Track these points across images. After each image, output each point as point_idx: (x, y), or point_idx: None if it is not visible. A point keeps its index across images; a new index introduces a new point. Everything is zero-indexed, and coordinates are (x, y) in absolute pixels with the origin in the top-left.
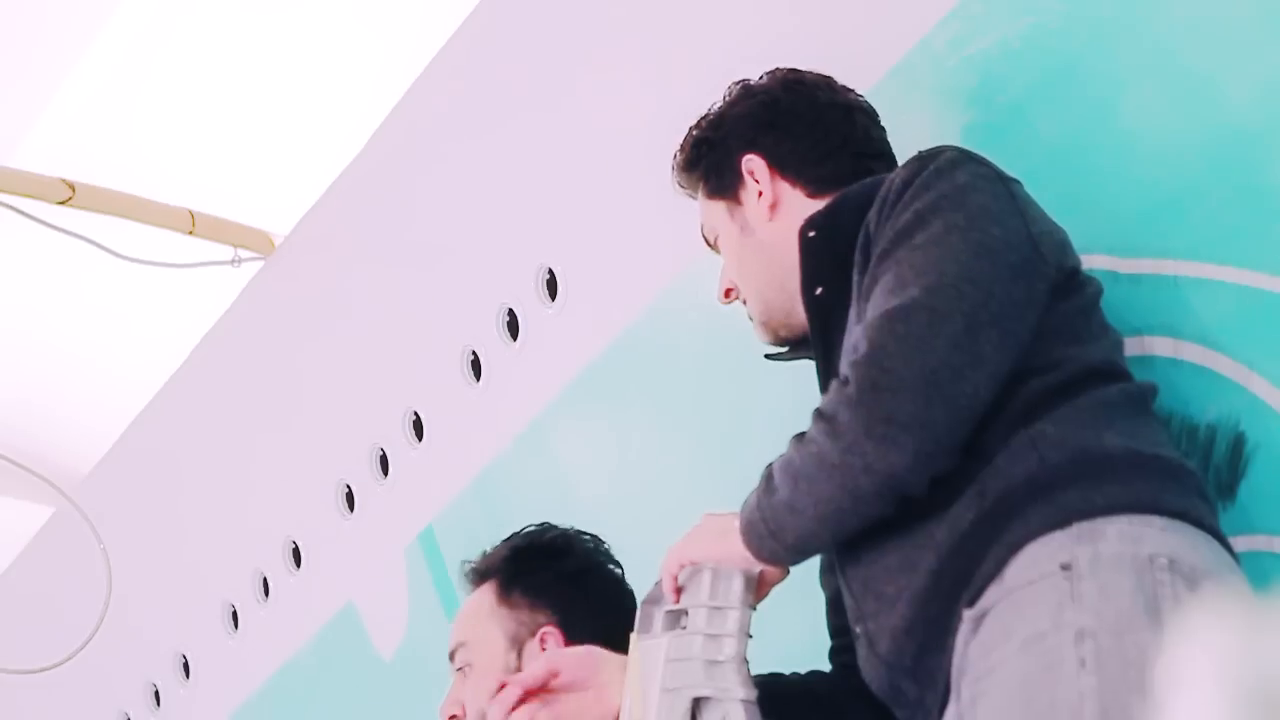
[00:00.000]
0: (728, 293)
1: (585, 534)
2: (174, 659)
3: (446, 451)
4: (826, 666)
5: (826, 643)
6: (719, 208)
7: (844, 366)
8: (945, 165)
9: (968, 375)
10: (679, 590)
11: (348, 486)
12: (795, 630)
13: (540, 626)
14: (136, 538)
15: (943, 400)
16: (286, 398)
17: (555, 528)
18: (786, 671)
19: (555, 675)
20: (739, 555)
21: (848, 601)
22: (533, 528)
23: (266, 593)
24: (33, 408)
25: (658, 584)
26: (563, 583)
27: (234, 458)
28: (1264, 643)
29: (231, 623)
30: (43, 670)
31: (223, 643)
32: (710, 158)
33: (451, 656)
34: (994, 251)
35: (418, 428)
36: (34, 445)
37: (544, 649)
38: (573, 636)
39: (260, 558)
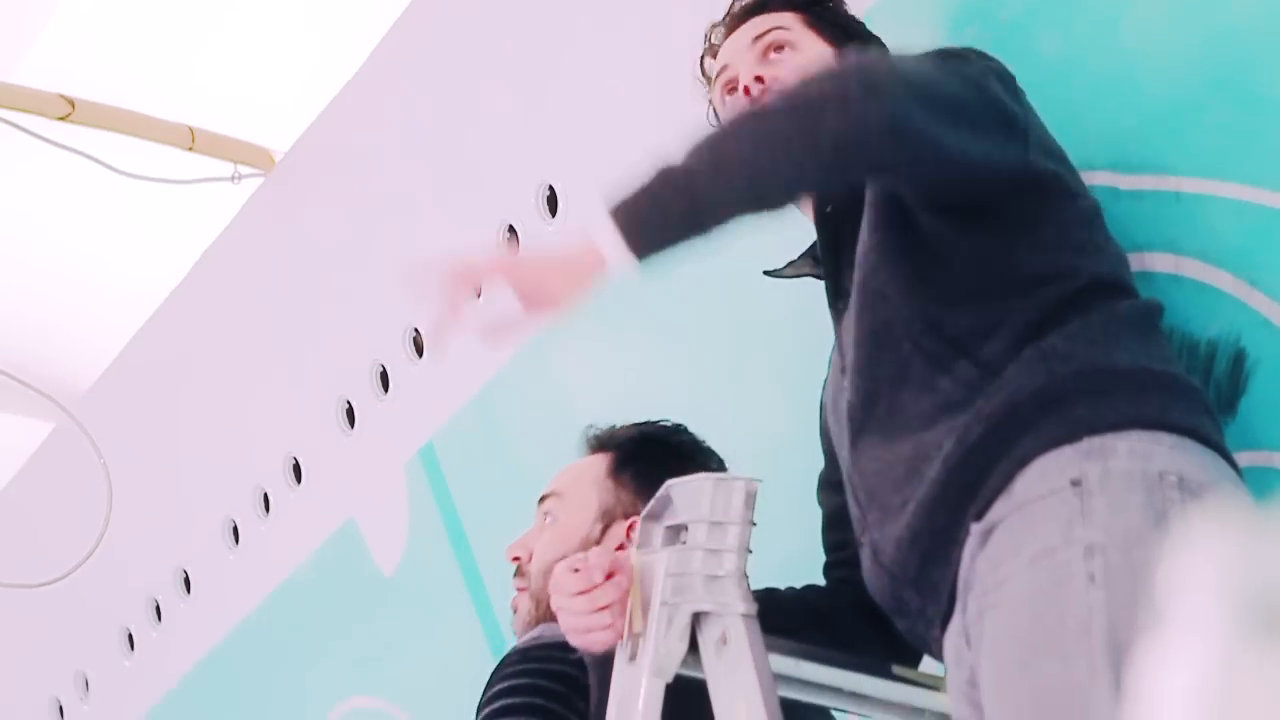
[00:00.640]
0: (759, 79)
1: (715, 453)
2: (175, 574)
3: (446, 367)
4: (821, 581)
5: (821, 558)
6: (812, 36)
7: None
8: (959, 51)
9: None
10: None
11: (348, 403)
12: (792, 545)
13: (633, 514)
14: (137, 453)
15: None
16: (286, 314)
17: (689, 433)
18: (782, 586)
19: (613, 575)
20: (589, 259)
21: (853, 511)
22: (669, 424)
23: (267, 508)
24: (33, 324)
25: (657, 499)
26: None
27: (234, 374)
28: (1266, 551)
29: (232, 538)
30: (43, 585)
31: (224, 558)
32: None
33: (541, 500)
34: (959, 88)
35: (418, 344)
36: (35, 361)
37: (629, 537)
38: None
39: (261, 473)
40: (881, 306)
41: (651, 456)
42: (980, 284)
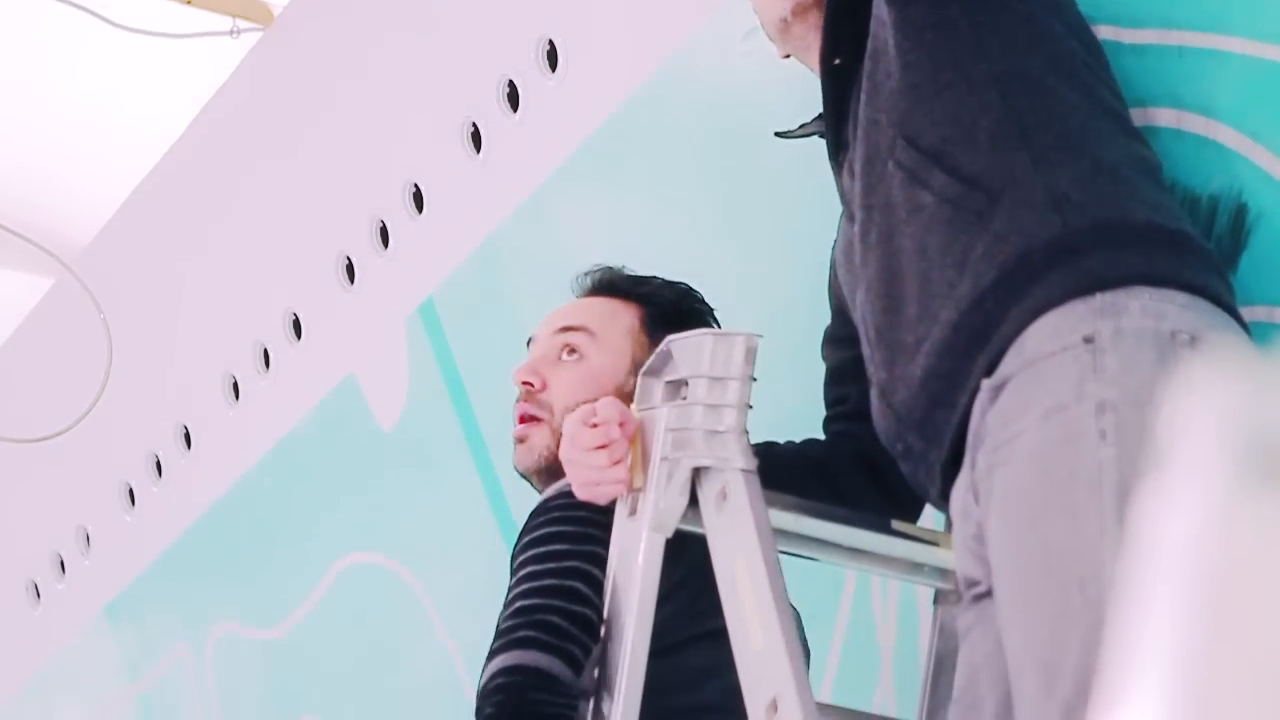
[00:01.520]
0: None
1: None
2: (175, 429)
3: (447, 223)
4: (822, 436)
5: (822, 412)
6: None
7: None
8: None
9: None
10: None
11: (348, 258)
12: (792, 401)
13: None
14: (137, 308)
15: None
16: (286, 169)
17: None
18: (781, 441)
19: (625, 425)
20: None
21: (865, 351)
22: (698, 293)
23: (267, 364)
24: (32, 178)
25: (656, 355)
26: None
27: (234, 229)
28: (1268, 398)
29: (232, 393)
30: (44, 439)
31: (223, 413)
32: None
33: (563, 330)
34: None
35: (418, 200)
36: (34, 216)
37: None
38: None
39: (261, 329)
40: (873, 132)
41: (688, 322)
42: (950, 86)
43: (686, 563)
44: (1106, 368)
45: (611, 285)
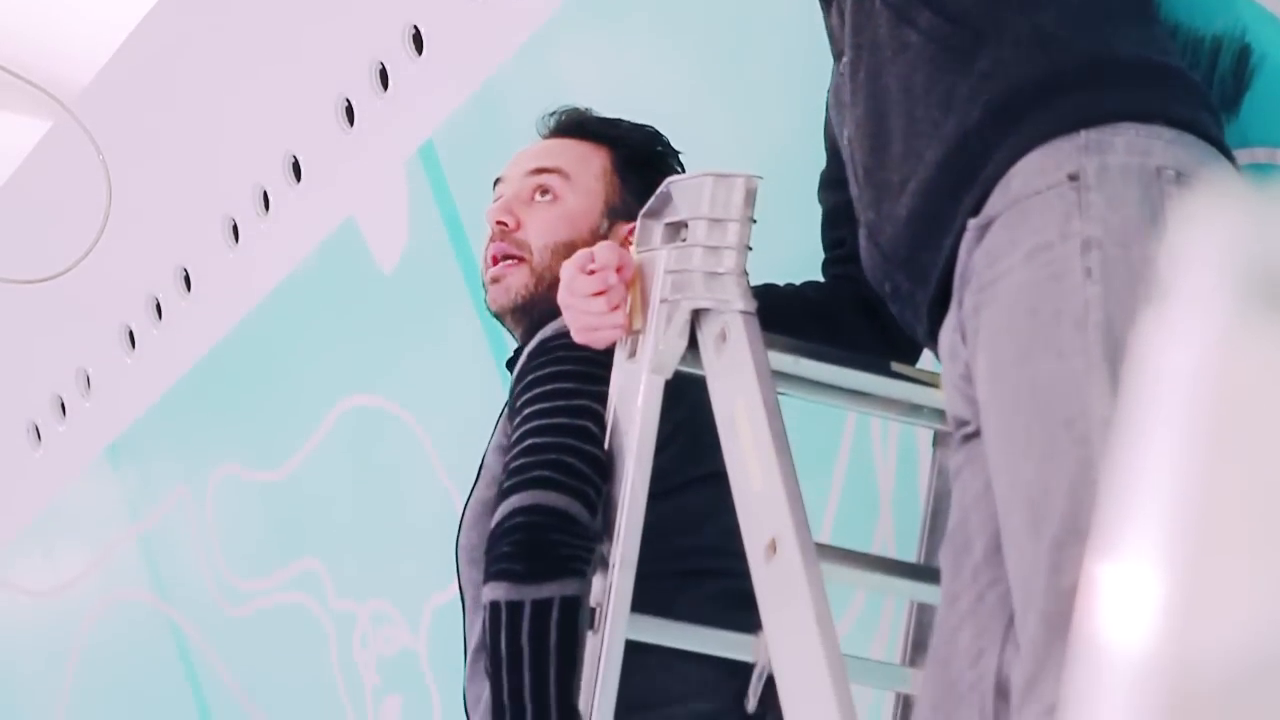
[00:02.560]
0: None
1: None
2: (175, 272)
3: (446, 65)
4: (821, 278)
5: (821, 255)
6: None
7: None
8: None
9: None
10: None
11: (347, 100)
12: (792, 243)
13: (634, 222)
14: (136, 150)
15: None
16: (286, 10)
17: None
18: (781, 283)
19: (623, 270)
20: None
21: (853, 191)
22: (663, 135)
23: (267, 207)
24: (31, 19)
25: (657, 195)
26: None
27: (233, 71)
28: (1268, 228)
29: (232, 236)
30: (43, 280)
31: (223, 256)
32: None
33: (536, 171)
34: None
35: (417, 40)
36: (33, 57)
37: (627, 242)
38: None
39: (260, 171)
40: None
41: (660, 169)
42: None
43: (687, 405)
44: (1092, 205)
45: (581, 127)
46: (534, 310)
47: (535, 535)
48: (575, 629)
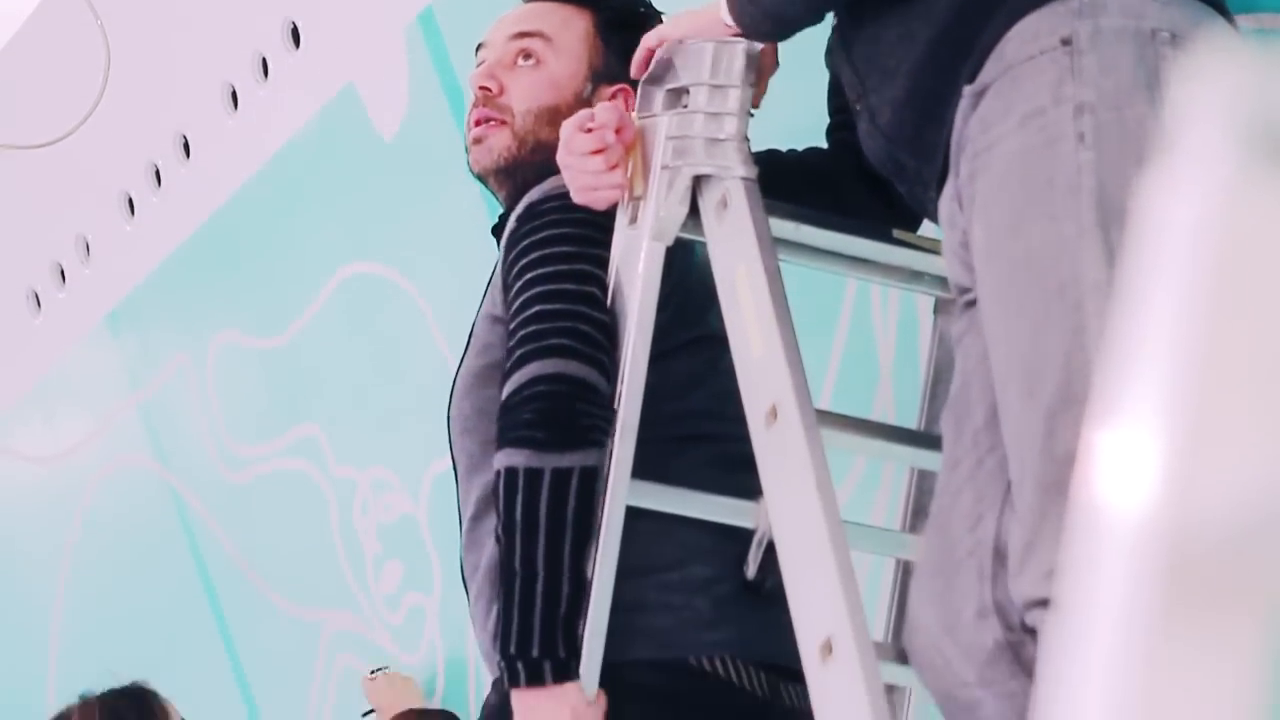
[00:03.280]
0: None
1: None
2: (174, 138)
3: None
4: (824, 145)
5: (825, 120)
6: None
7: None
8: None
9: None
10: (651, 63)
11: None
12: (795, 109)
13: (618, 83)
14: (134, 16)
15: None
16: None
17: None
18: (783, 149)
19: (622, 130)
20: (718, 26)
21: (848, 79)
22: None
23: (266, 73)
24: None
25: (658, 62)
26: None
27: None
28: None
29: (231, 103)
30: (41, 146)
31: (222, 123)
32: None
33: (518, 36)
34: None
35: None
36: None
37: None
38: None
39: (258, 37)
40: None
41: (642, 26)
42: None
43: (675, 271)
44: (1084, 69)
45: None
46: (516, 174)
47: (559, 404)
48: (593, 500)
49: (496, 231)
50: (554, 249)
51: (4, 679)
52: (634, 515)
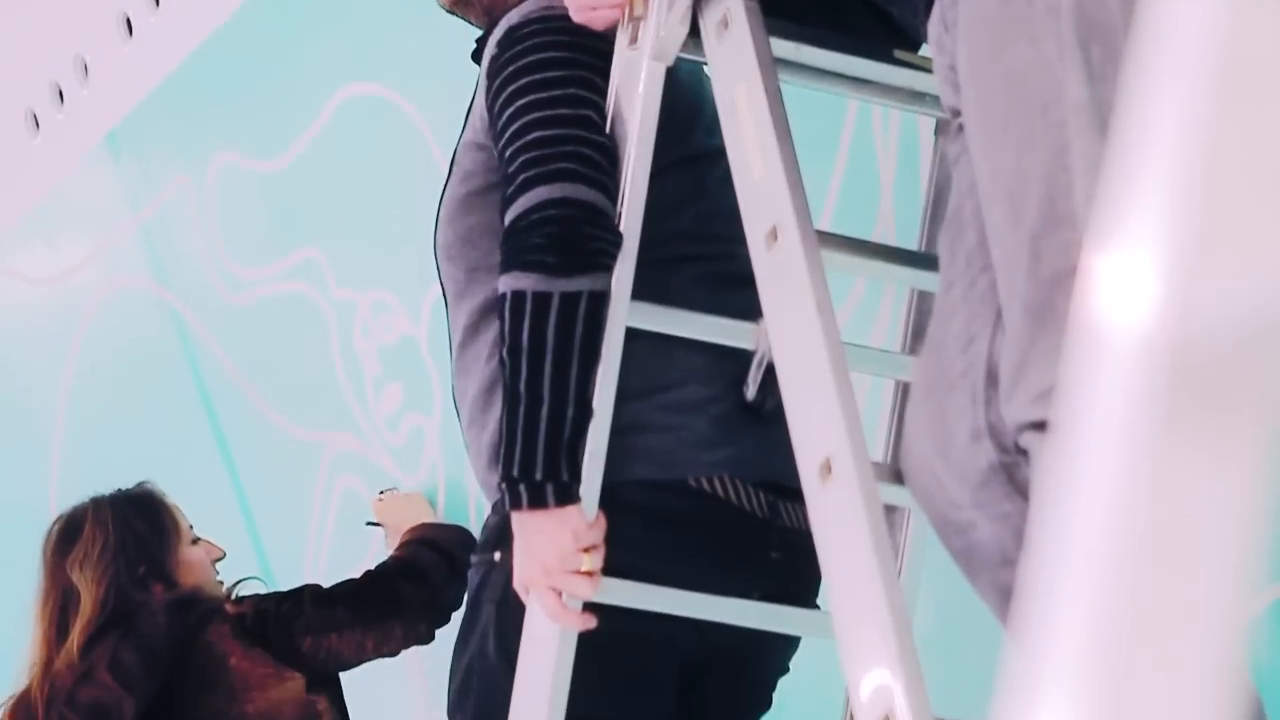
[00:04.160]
0: None
1: None
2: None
3: None
4: None
5: None
6: None
7: None
8: None
9: None
10: None
11: None
12: None
13: None
14: None
15: None
16: None
17: None
18: None
19: None
20: None
21: None
22: None
23: None
24: None
25: None
26: None
27: None
28: None
29: None
30: None
31: None
32: None
33: None
34: None
35: None
36: None
37: None
38: None
39: None
40: None
41: None
42: None
43: (666, 89)
44: None
45: None
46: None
47: (569, 228)
48: (600, 324)
49: (476, 57)
50: (542, 74)
51: (5, 499)
52: (630, 337)
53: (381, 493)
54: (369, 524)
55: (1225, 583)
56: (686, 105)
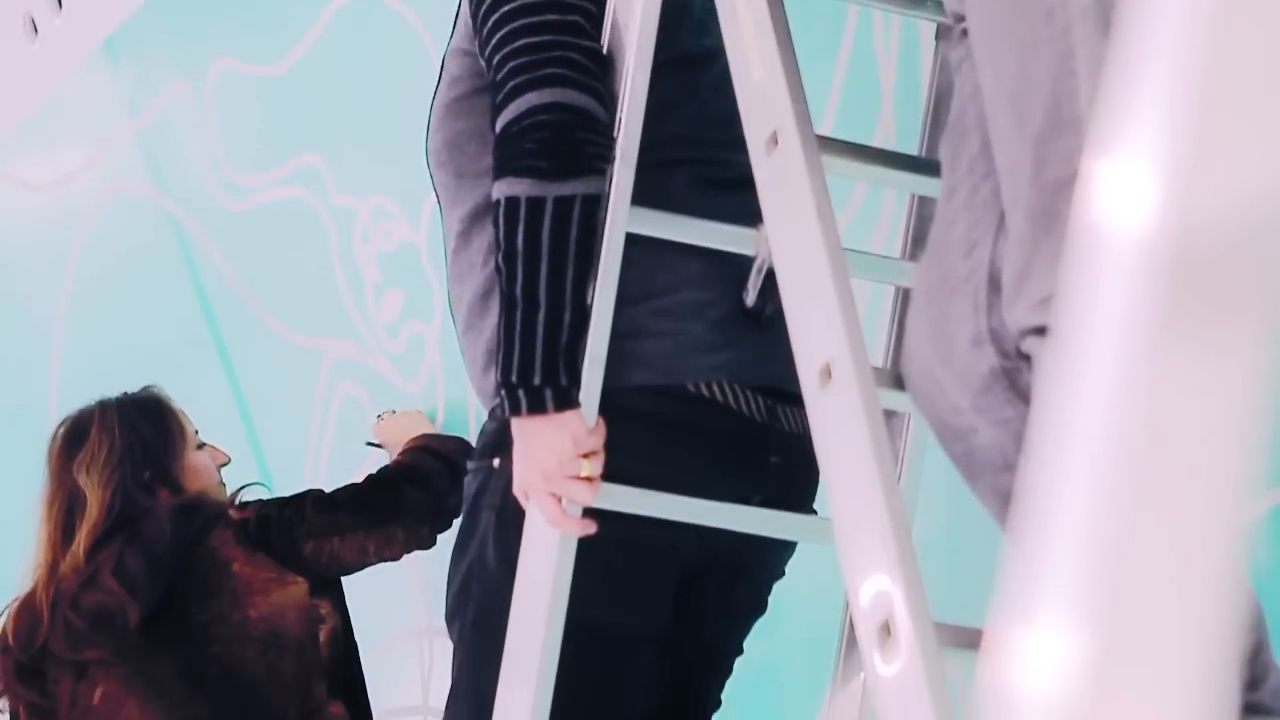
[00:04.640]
0: None
1: None
2: None
3: None
4: None
5: None
6: None
7: None
8: None
9: None
10: None
11: None
12: None
13: None
14: None
15: None
16: None
17: None
18: None
19: None
20: None
21: None
22: None
23: None
24: None
25: None
26: None
27: None
28: None
29: None
30: None
31: None
32: None
33: None
34: None
35: None
36: None
37: None
38: None
39: None
40: None
41: None
42: None
43: None
44: None
45: None
46: None
47: (560, 133)
48: (595, 228)
49: None
50: None
51: (6, 404)
52: (626, 243)
53: (380, 415)
54: (369, 444)
55: (1226, 484)
56: (673, 8)
